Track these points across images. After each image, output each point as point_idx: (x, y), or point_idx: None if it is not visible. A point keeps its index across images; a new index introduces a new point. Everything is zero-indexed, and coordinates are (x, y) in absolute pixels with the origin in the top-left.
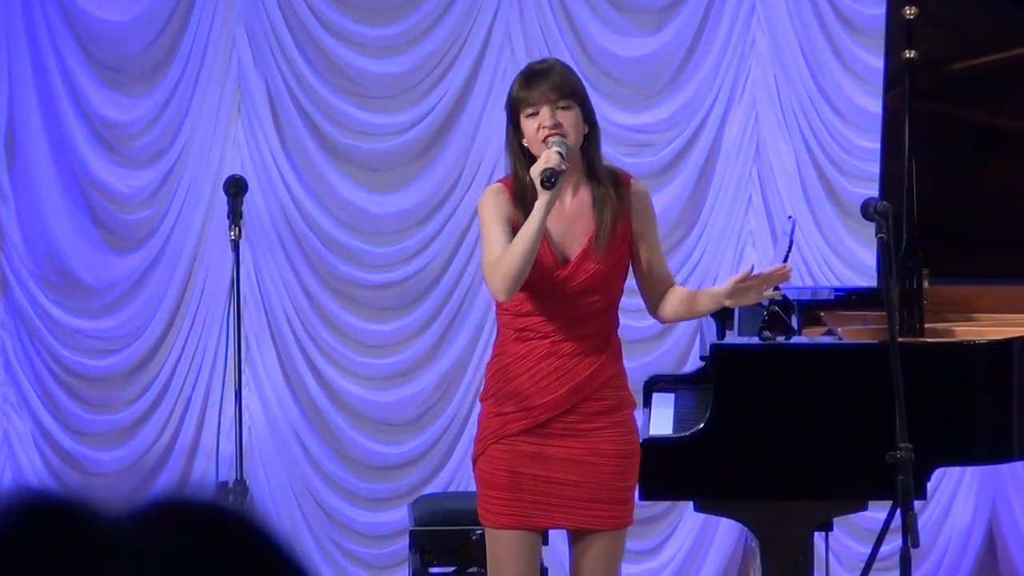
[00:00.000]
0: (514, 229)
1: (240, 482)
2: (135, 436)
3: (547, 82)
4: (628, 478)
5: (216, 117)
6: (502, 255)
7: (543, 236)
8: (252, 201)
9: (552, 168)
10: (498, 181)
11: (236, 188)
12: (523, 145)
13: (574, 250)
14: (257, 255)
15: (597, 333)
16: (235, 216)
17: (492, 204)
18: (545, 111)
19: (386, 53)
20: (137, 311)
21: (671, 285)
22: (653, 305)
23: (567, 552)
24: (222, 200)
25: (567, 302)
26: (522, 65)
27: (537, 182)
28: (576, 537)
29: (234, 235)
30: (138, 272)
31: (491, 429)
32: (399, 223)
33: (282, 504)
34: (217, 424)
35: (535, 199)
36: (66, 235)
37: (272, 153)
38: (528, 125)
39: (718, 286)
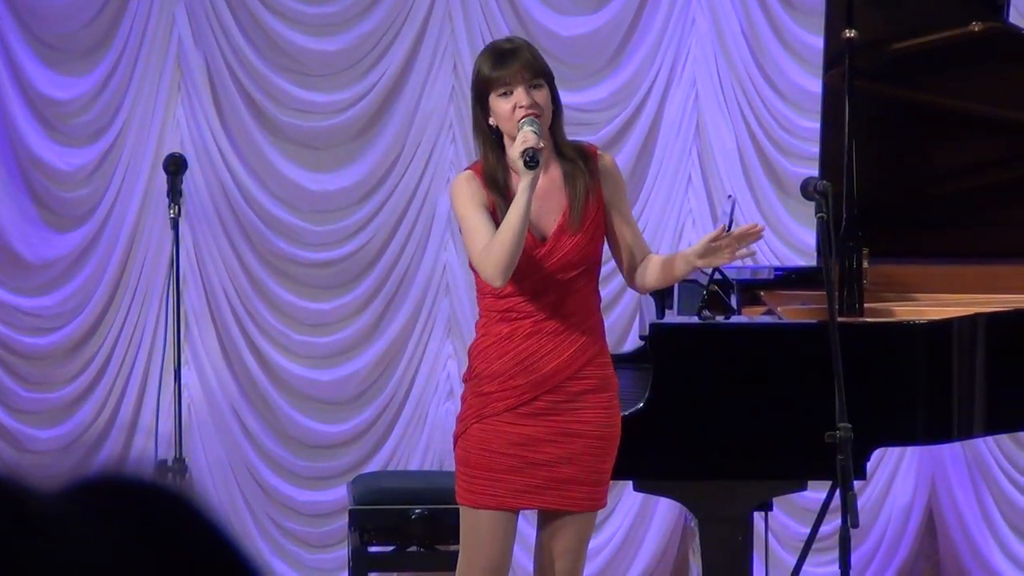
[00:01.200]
0: (491, 213)
1: (179, 460)
2: (74, 414)
3: (519, 60)
4: (606, 459)
5: (156, 95)
6: (490, 244)
7: None
8: (192, 179)
9: (532, 147)
10: (466, 168)
11: (176, 166)
12: (491, 126)
13: (550, 227)
14: (196, 233)
15: (579, 310)
16: (175, 194)
17: (466, 193)
18: (520, 90)
19: (325, 31)
20: (76, 289)
21: (647, 253)
22: (630, 275)
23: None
24: (162, 178)
25: (548, 279)
26: (462, 44)
27: (520, 164)
28: (548, 517)
29: (173, 213)
30: (77, 250)
31: (473, 409)
32: (339, 201)
33: (221, 483)
34: (156, 402)
35: (507, 180)
36: (5, 212)
37: (212, 131)
38: (502, 105)
39: (690, 247)
